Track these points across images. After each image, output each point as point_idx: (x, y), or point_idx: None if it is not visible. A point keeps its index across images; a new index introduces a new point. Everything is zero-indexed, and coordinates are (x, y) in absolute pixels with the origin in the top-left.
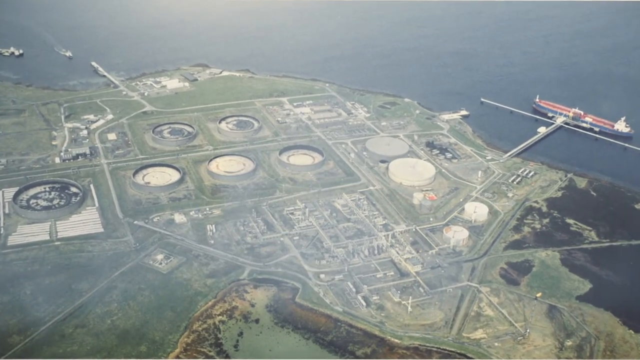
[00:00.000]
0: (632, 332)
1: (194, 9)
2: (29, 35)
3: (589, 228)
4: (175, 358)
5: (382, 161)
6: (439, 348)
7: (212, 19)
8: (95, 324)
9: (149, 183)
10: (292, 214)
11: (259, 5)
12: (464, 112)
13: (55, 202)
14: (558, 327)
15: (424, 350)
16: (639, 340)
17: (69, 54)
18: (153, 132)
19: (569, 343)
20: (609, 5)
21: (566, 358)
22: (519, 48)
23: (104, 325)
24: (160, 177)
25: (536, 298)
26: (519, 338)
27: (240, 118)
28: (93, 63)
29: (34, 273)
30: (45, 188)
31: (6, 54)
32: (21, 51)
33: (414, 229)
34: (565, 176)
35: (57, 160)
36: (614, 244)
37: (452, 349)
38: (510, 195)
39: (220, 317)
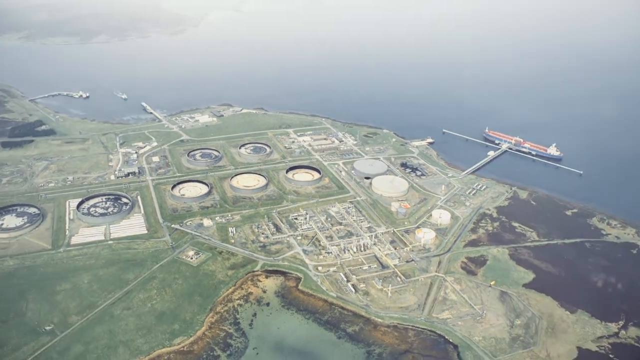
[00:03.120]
0: (569, 313)
1: (220, 60)
2: (94, 81)
3: (530, 230)
4: (202, 334)
5: (367, 178)
6: (414, 326)
7: (235, 69)
8: (138, 307)
9: (183, 195)
10: (296, 219)
11: (271, 57)
12: (430, 140)
13: (109, 210)
14: (509, 309)
15: (402, 328)
16: (574, 320)
17: (124, 96)
18: (188, 155)
19: (518, 322)
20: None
21: (516, 334)
22: (473, 90)
23: (145, 308)
24: (193, 190)
25: (490, 285)
26: (478, 318)
27: (256, 145)
28: (143, 103)
29: (90, 266)
30: (102, 199)
31: (76, 96)
32: (87, 94)
33: (392, 231)
34: (511, 189)
35: (112, 177)
36: (551, 242)
37: (424, 327)
38: (467, 204)
39: (238, 301)
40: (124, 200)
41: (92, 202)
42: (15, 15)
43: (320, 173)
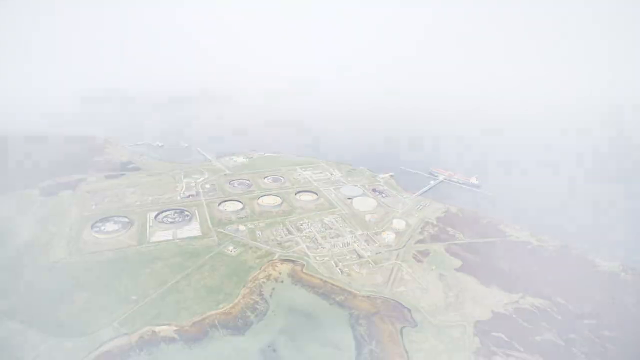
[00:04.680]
0: (485, 287)
1: (251, 120)
2: (165, 135)
3: (459, 232)
4: (238, 301)
5: (349, 198)
6: (381, 296)
7: (260, 125)
8: (195, 283)
9: (226, 209)
10: (301, 225)
11: (284, 120)
12: (391, 174)
13: (176, 219)
14: (444, 285)
15: (373, 297)
16: (489, 292)
17: (186, 145)
18: (229, 183)
19: (450, 294)
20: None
21: (450, 302)
22: (423, 139)
23: (200, 284)
24: (232, 206)
25: (432, 269)
26: (423, 291)
27: (275, 176)
28: (198, 149)
29: (163, 256)
30: (171, 212)
31: (154, 145)
32: (162, 144)
33: (366, 233)
34: (445, 206)
35: (178, 198)
36: (472, 241)
37: (388, 297)
38: (416, 215)
39: (262, 279)
40: (186, 213)
41: (164, 214)
42: (109, 92)
43: (317, 195)
